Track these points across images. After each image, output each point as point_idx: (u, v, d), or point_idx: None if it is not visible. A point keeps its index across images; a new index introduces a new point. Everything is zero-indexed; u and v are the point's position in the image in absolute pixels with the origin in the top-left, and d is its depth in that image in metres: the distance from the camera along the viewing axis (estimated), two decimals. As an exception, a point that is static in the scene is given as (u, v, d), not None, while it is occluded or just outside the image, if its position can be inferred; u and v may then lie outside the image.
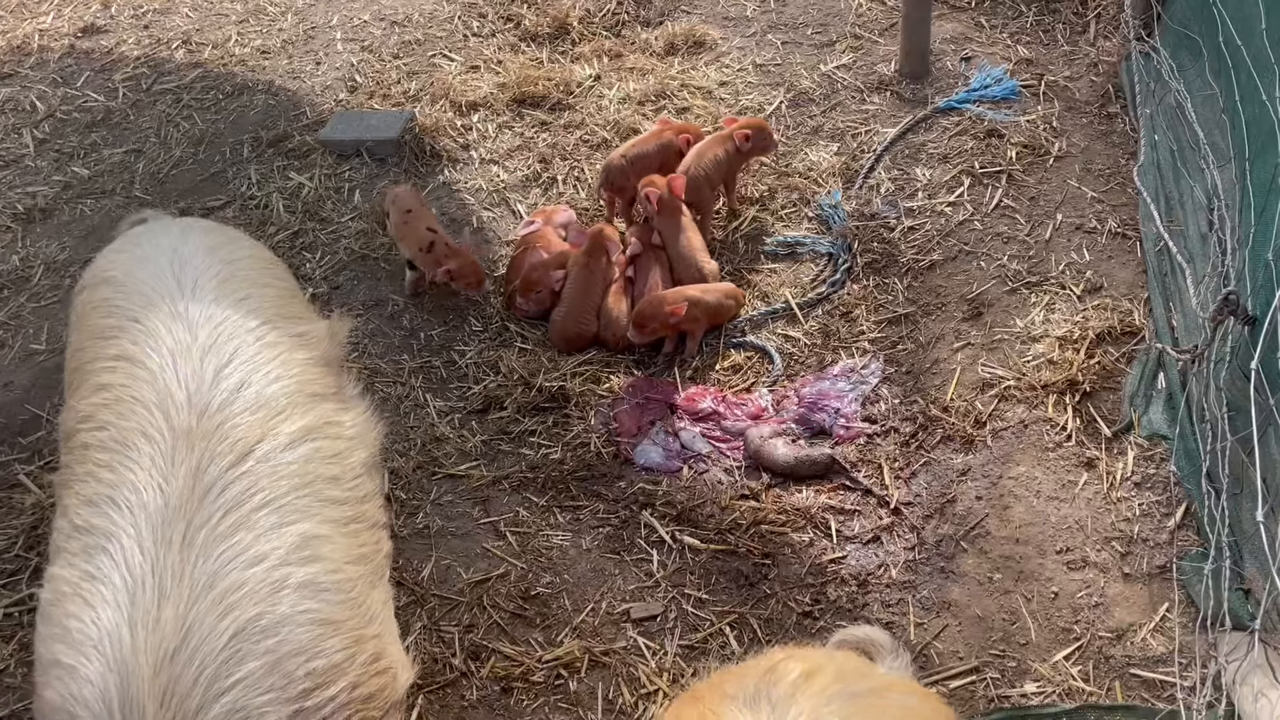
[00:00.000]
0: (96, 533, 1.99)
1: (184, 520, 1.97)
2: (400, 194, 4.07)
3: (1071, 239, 3.86)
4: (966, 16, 5.12)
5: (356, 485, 2.27)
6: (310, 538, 2.07)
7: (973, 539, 3.02)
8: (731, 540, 3.11)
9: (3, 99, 5.32)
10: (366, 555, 2.21)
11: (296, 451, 2.17)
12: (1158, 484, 3.05)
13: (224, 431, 2.12)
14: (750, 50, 5.12)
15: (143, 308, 2.39)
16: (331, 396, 2.38)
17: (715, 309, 3.80)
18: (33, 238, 4.48)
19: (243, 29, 5.71)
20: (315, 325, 2.55)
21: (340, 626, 2.01)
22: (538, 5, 5.53)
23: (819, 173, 4.38)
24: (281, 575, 1.98)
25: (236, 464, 2.08)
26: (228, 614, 1.90)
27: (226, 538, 1.98)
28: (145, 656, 1.84)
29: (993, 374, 3.44)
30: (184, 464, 2.05)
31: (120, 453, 2.10)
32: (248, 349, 2.31)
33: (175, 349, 2.27)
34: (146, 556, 1.93)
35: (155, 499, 2.00)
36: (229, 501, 2.03)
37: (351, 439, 2.34)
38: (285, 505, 2.08)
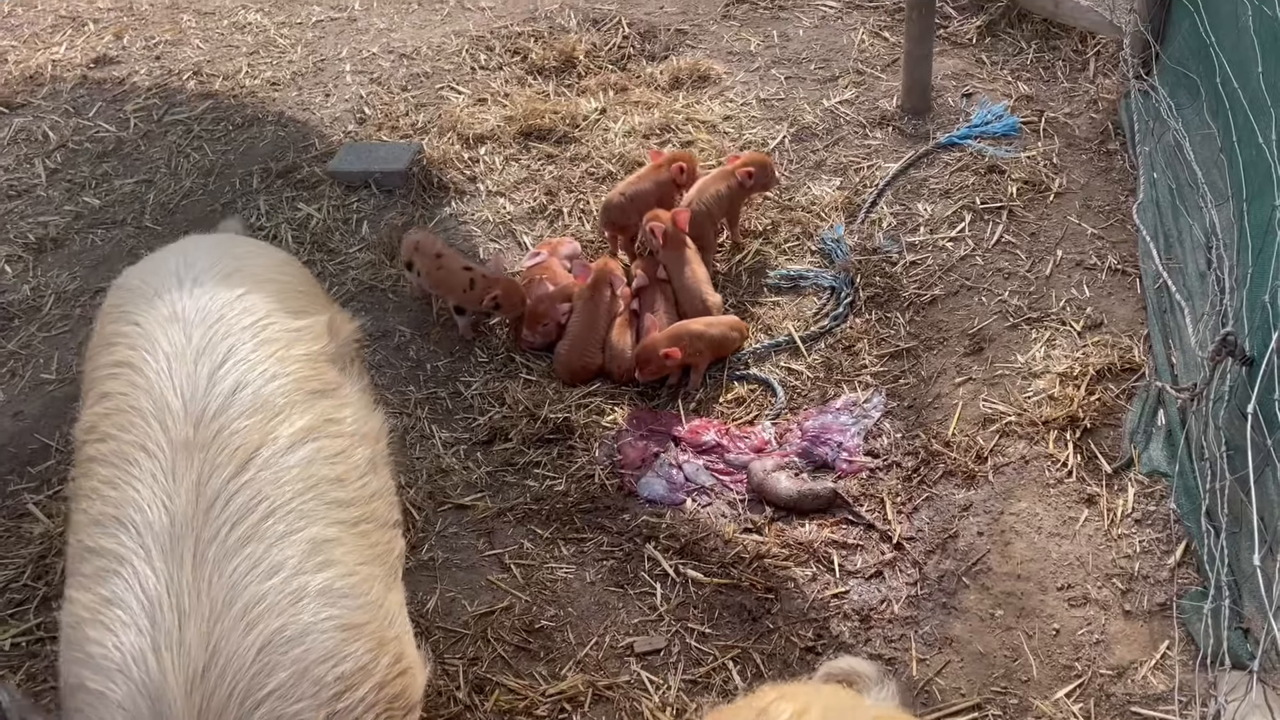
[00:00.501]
0: (107, 555, 1.99)
1: (192, 537, 1.97)
2: (424, 241, 4.07)
3: (1072, 275, 3.91)
4: (968, 53, 5.19)
5: (363, 484, 2.25)
6: (321, 542, 2.06)
7: (974, 575, 3.04)
8: (735, 574, 3.14)
9: (16, 129, 5.39)
10: (380, 555, 2.21)
11: (298, 454, 2.14)
12: (1158, 521, 3.07)
13: (222, 440, 2.09)
14: (754, 85, 5.19)
15: (143, 310, 2.37)
16: (331, 392, 2.34)
17: (719, 342, 3.84)
18: (44, 267, 4.53)
19: (253, 61, 5.78)
20: (315, 319, 2.48)
21: (362, 630, 2.03)
22: (544, 39, 5.60)
23: (822, 207, 4.43)
24: (299, 584, 1.98)
25: (238, 474, 2.06)
26: (253, 628, 1.91)
27: (237, 551, 1.97)
28: (175, 677, 1.85)
29: (994, 409, 3.47)
30: (185, 478, 2.03)
31: (122, 468, 2.09)
32: (243, 347, 2.27)
33: (171, 353, 2.24)
34: (160, 578, 1.93)
35: (160, 518, 1.99)
36: (235, 513, 2.01)
37: (353, 435, 2.31)
38: (292, 511, 2.06)
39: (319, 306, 2.58)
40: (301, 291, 2.60)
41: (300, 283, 2.67)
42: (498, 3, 6.08)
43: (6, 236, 4.70)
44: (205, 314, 2.32)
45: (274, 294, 2.45)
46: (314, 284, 2.80)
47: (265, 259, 2.67)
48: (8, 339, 4.19)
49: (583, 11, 5.83)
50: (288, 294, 2.51)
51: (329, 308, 2.66)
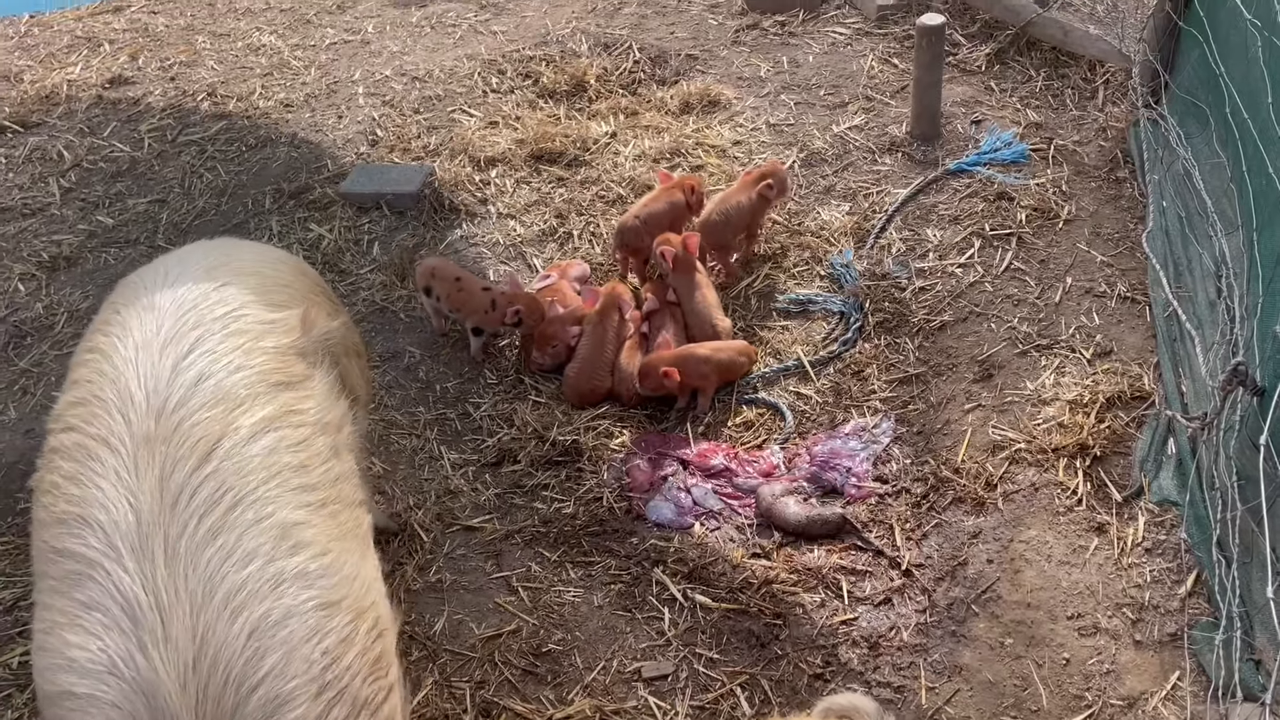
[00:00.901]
0: (76, 558, 1.98)
1: (160, 534, 1.96)
2: (440, 265, 4.08)
3: (1081, 302, 3.91)
4: (977, 80, 5.22)
5: (327, 469, 2.24)
6: (290, 526, 2.07)
7: (984, 603, 3.03)
8: (743, 599, 3.13)
9: (31, 148, 5.44)
10: (349, 531, 2.22)
11: (259, 444, 2.14)
12: (1168, 550, 3.06)
13: (183, 432, 2.08)
14: (764, 110, 5.22)
15: (126, 299, 2.37)
16: (296, 385, 2.33)
17: (727, 366, 3.85)
18: (56, 285, 4.55)
19: (267, 82, 5.83)
20: (289, 313, 2.47)
21: (340, 605, 2.05)
22: (556, 63, 5.64)
23: (831, 232, 4.44)
24: (276, 570, 2.00)
25: (200, 465, 2.04)
26: (238, 616, 1.93)
27: (209, 543, 1.98)
28: (166, 673, 1.86)
29: (1003, 436, 3.47)
30: (148, 474, 2.02)
31: (84, 464, 2.07)
32: (211, 338, 2.25)
33: (140, 342, 2.22)
34: (134, 578, 1.93)
35: (126, 516, 1.98)
36: (201, 506, 2.00)
37: (315, 424, 2.29)
38: (258, 499, 2.06)
39: (299, 300, 2.56)
40: (286, 285, 2.58)
41: (288, 277, 2.64)
42: (510, 27, 6.13)
43: (20, 255, 4.74)
44: (180, 304, 2.31)
45: (254, 287, 2.45)
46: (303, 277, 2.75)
47: (256, 254, 2.67)
48: (20, 356, 4.21)
49: (594, 36, 5.87)
50: (269, 287, 2.50)
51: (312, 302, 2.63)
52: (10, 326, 4.35)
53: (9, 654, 3.12)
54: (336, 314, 2.74)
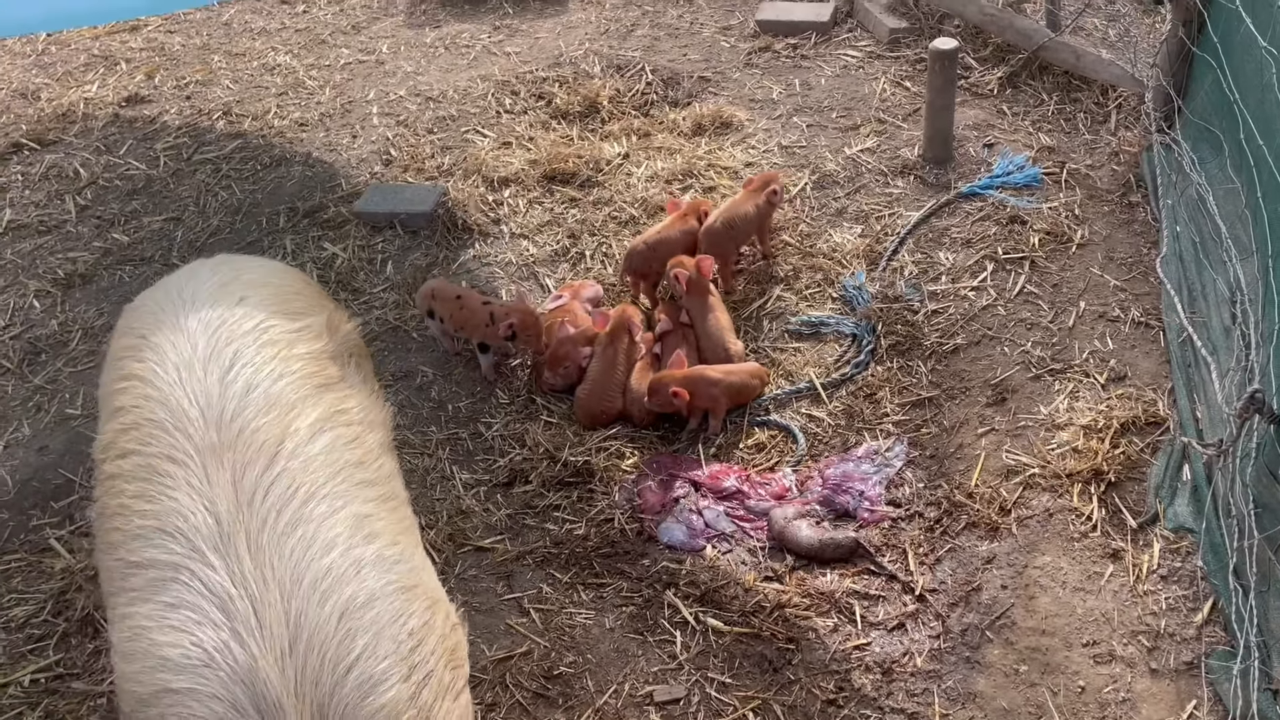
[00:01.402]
0: (158, 565, 2.05)
1: (241, 531, 2.05)
2: (439, 286, 4.11)
3: (1095, 327, 3.90)
4: (989, 104, 5.23)
5: (380, 465, 2.36)
6: (363, 517, 2.17)
7: (998, 629, 3.01)
8: (755, 623, 3.11)
9: (47, 165, 5.48)
10: (408, 528, 2.33)
11: (319, 443, 2.24)
12: (1184, 578, 3.04)
13: (246, 438, 2.18)
14: (776, 132, 5.24)
15: (148, 325, 2.45)
16: (334, 385, 2.44)
17: (739, 389, 3.85)
18: (71, 303, 4.58)
19: (282, 102, 5.88)
20: (314, 319, 2.58)
21: (416, 591, 2.14)
22: (569, 84, 5.68)
23: (843, 254, 4.45)
24: (356, 556, 2.09)
25: (269, 467, 2.15)
26: (327, 600, 2.00)
27: (290, 534, 2.06)
28: (264, 659, 1.93)
29: (1017, 461, 3.46)
30: (220, 480, 2.11)
31: (153, 481, 2.15)
32: (247, 350, 2.36)
33: (179, 362, 2.32)
34: (221, 574, 2.00)
35: (205, 520, 2.06)
36: (277, 502, 2.09)
37: (362, 423, 2.41)
38: (328, 494, 2.16)
39: (316, 307, 2.68)
40: (298, 294, 2.70)
41: (296, 286, 2.76)
42: (523, 48, 6.17)
43: (36, 272, 4.77)
44: (207, 323, 2.41)
45: (271, 298, 2.56)
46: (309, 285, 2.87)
47: (260, 267, 2.78)
48: (34, 373, 4.23)
49: (607, 58, 5.91)
50: (284, 297, 2.61)
51: (326, 308, 2.74)
52: (25, 343, 4.37)
53: (20, 671, 3.12)
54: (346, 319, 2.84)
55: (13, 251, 4.91)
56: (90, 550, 3.42)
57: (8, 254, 4.90)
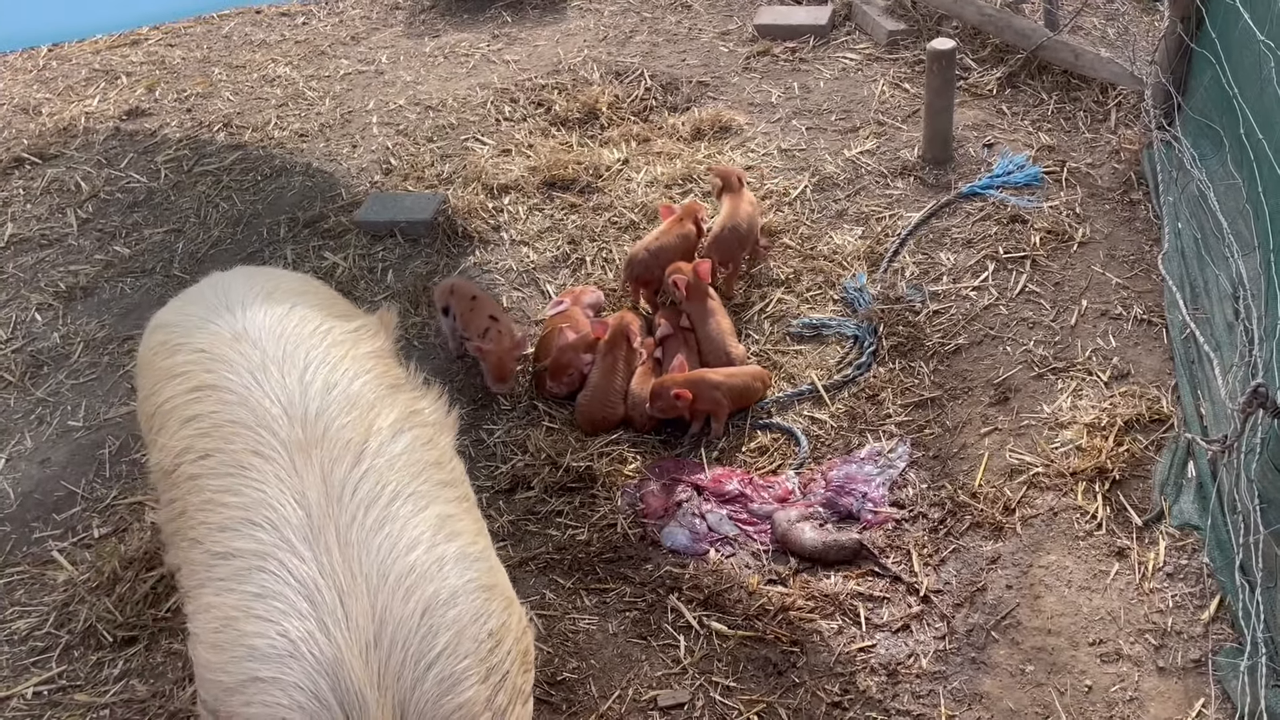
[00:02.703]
0: (244, 555, 2.06)
1: (331, 524, 2.07)
2: (459, 284, 4.14)
3: (1097, 325, 3.89)
4: (988, 104, 5.22)
5: (454, 467, 2.40)
6: (445, 517, 2.19)
7: (1004, 629, 2.99)
8: (759, 626, 3.10)
9: (49, 179, 5.49)
10: (484, 528, 2.35)
11: (400, 443, 2.28)
12: (1190, 575, 3.02)
13: (331, 435, 2.22)
14: (775, 135, 5.23)
15: (205, 339, 2.48)
16: (404, 385, 2.50)
17: (741, 392, 3.83)
18: (73, 315, 4.58)
19: (282, 113, 5.89)
20: (367, 319, 2.65)
21: (494, 591, 2.16)
22: (568, 91, 5.68)
23: (844, 256, 4.44)
24: (439, 554, 2.10)
25: (356, 464, 2.17)
26: (410, 596, 2.01)
27: (377, 531, 2.08)
28: (348, 651, 1.94)
29: (1021, 460, 3.44)
30: (309, 473, 2.14)
31: (239, 475, 2.17)
32: (317, 351, 2.41)
33: (251, 368, 2.35)
34: (310, 565, 2.02)
35: (295, 512, 2.09)
36: (365, 499, 2.12)
37: (435, 424, 2.47)
38: (413, 493, 2.19)
39: (352, 309, 2.76)
40: (333, 298, 2.77)
41: (329, 293, 2.83)
42: (522, 56, 6.18)
43: (38, 285, 4.78)
44: (269, 330, 2.45)
45: (317, 304, 2.61)
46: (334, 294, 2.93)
47: (290, 279, 2.81)
48: (36, 386, 4.23)
49: (606, 64, 5.91)
50: (326, 302, 2.67)
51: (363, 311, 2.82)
52: (27, 356, 4.37)
53: (23, 684, 3.11)
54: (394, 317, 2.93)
55: (14, 265, 4.92)
56: (92, 563, 3.42)
57: (10, 267, 4.91)
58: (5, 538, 3.61)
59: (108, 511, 3.64)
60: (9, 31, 4.59)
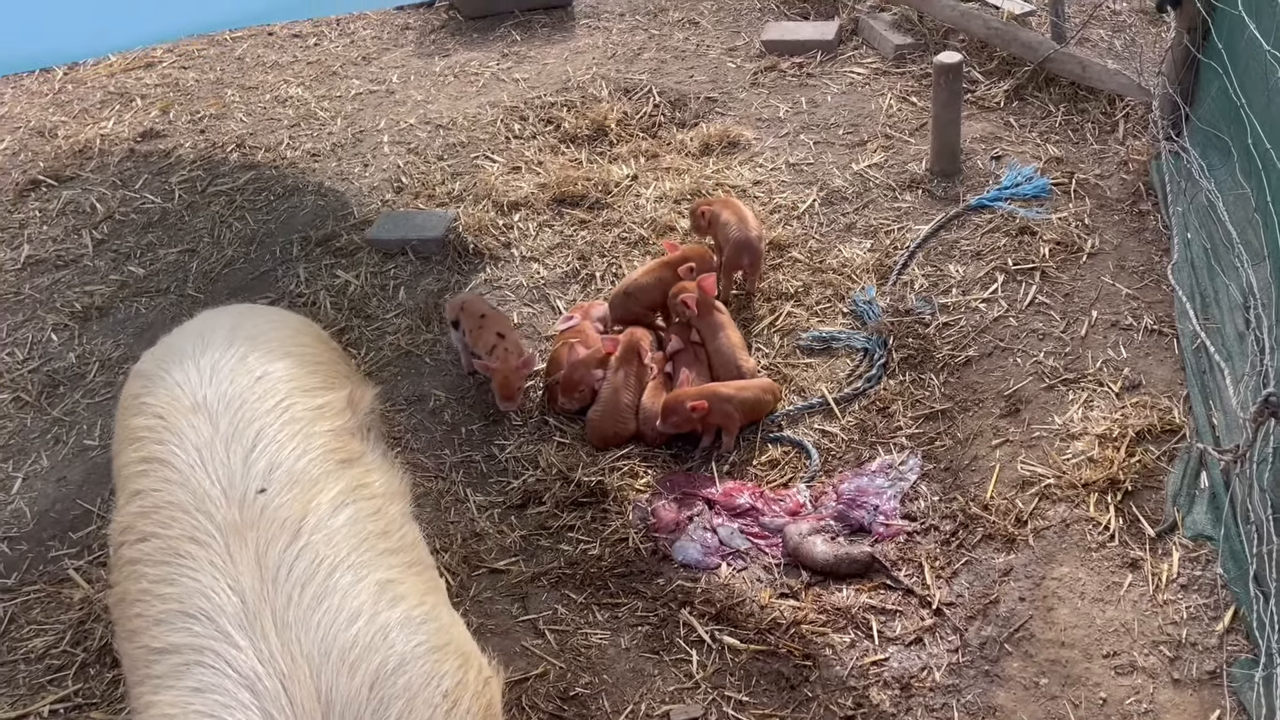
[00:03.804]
0: (182, 650, 1.99)
1: (267, 608, 2.00)
2: (470, 300, 4.17)
3: (1108, 336, 3.88)
4: (996, 116, 5.24)
5: (403, 534, 2.33)
6: (386, 583, 2.13)
7: (1017, 641, 2.98)
8: (771, 640, 3.10)
9: (65, 201, 5.55)
10: (435, 587, 2.30)
11: (341, 516, 2.22)
12: (1204, 586, 3.01)
13: (269, 515, 2.15)
14: (783, 150, 5.25)
15: (166, 403, 2.42)
16: (356, 461, 2.43)
17: (752, 405, 3.84)
18: (89, 335, 4.63)
19: (294, 133, 5.94)
20: (335, 395, 2.56)
21: (446, 650, 2.10)
22: (577, 108, 5.72)
23: (853, 269, 4.45)
24: (382, 622, 2.05)
25: (292, 541, 2.11)
26: (356, 670, 1.95)
27: (315, 608, 2.02)
28: None
29: (1032, 472, 3.44)
30: (243, 557, 2.08)
31: (174, 564, 2.11)
32: (270, 430, 2.33)
33: (199, 443, 2.29)
34: (248, 654, 1.95)
35: (229, 600, 2.02)
36: (301, 576, 2.06)
37: (384, 495, 2.39)
38: (353, 564, 2.13)
39: (337, 380, 2.66)
40: (318, 363, 2.67)
41: (317, 352, 2.72)
42: (531, 74, 6.23)
43: (54, 305, 4.82)
44: (228, 401, 2.38)
45: (290, 373, 2.52)
46: (328, 349, 2.85)
47: (279, 333, 2.71)
48: (53, 405, 4.27)
49: (614, 81, 5.95)
50: (304, 370, 2.58)
51: (347, 379, 2.72)
52: (43, 376, 4.42)
53: (40, 702, 3.13)
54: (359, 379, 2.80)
55: (31, 286, 4.98)
56: (108, 581, 3.44)
57: (26, 288, 4.97)
58: (22, 556, 3.64)
59: (123, 529, 3.67)
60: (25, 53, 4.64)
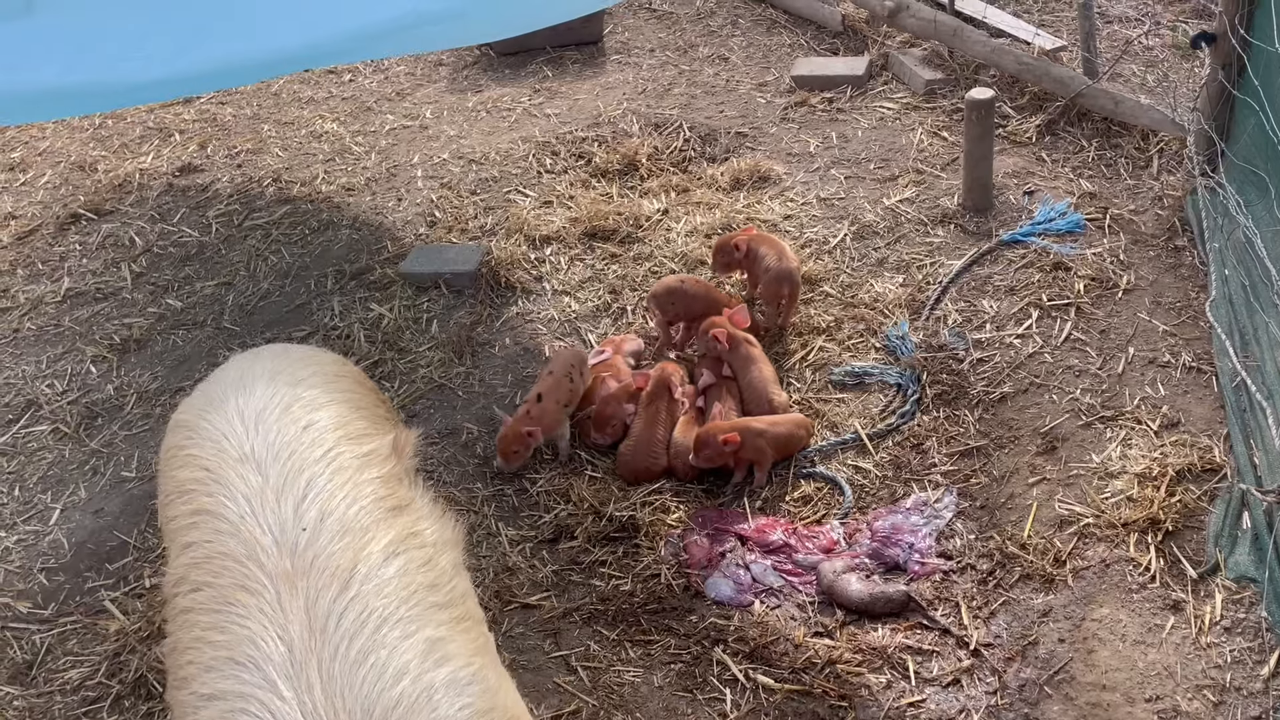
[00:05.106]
0: (229, 697, 1.99)
1: (314, 659, 1.99)
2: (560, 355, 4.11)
3: (1145, 373, 3.84)
4: (1028, 151, 5.23)
5: (453, 586, 2.32)
6: (435, 641, 2.11)
7: (1057, 684, 2.94)
8: (806, 680, 3.07)
9: (104, 234, 5.65)
10: (483, 647, 2.27)
11: (392, 567, 2.21)
12: (1248, 629, 2.95)
13: (320, 564, 2.16)
14: (814, 185, 5.27)
15: (212, 455, 2.43)
16: (406, 509, 2.43)
17: (784, 440, 3.83)
18: (127, 367, 4.69)
19: (329, 167, 6.02)
20: (380, 442, 2.58)
21: (492, 714, 2.07)
22: (608, 143, 5.76)
23: (885, 304, 4.44)
24: (427, 682, 2.02)
25: (343, 592, 2.11)
26: None
27: (361, 663, 2.00)
28: None
29: (1071, 510, 3.40)
30: (293, 606, 2.08)
31: (225, 612, 2.12)
32: (319, 479, 2.34)
33: (249, 494, 2.30)
34: (291, 705, 1.94)
35: (277, 648, 2.02)
36: (349, 628, 2.05)
37: (435, 544, 2.39)
38: (401, 618, 2.12)
39: (380, 425, 2.68)
40: (362, 408, 2.68)
41: (358, 396, 2.74)
42: (563, 109, 6.29)
43: (93, 338, 4.89)
44: (276, 451, 2.39)
45: (336, 421, 2.54)
46: (366, 390, 2.85)
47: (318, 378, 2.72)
48: (91, 437, 4.32)
49: (645, 116, 6.00)
50: (348, 417, 2.59)
51: (387, 421, 2.74)
52: (82, 408, 4.47)
53: (75, 733, 3.15)
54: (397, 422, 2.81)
55: (70, 318, 5.05)
56: (144, 613, 3.47)
57: (66, 320, 5.04)
58: (59, 587, 3.67)
59: (159, 561, 3.69)
60: None
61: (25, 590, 3.68)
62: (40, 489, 4.10)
